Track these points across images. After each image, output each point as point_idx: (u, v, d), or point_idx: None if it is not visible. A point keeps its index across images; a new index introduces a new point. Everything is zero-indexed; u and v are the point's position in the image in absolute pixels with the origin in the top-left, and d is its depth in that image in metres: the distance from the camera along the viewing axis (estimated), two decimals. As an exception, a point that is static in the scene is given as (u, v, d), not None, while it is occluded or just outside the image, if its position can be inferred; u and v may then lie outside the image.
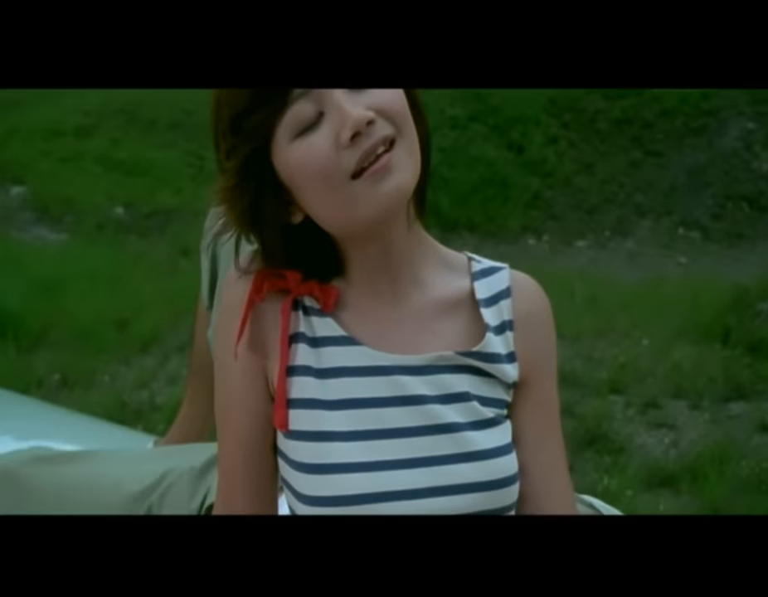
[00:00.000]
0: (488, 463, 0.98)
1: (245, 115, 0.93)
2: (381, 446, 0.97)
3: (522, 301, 1.05)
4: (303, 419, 0.98)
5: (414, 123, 0.98)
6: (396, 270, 1.02)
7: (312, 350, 1.00)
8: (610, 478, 4.76)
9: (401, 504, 0.95)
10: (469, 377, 1.01)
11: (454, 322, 1.03)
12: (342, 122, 0.92)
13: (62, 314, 6.03)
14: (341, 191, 0.94)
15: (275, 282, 1.00)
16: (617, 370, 5.84)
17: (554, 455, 1.05)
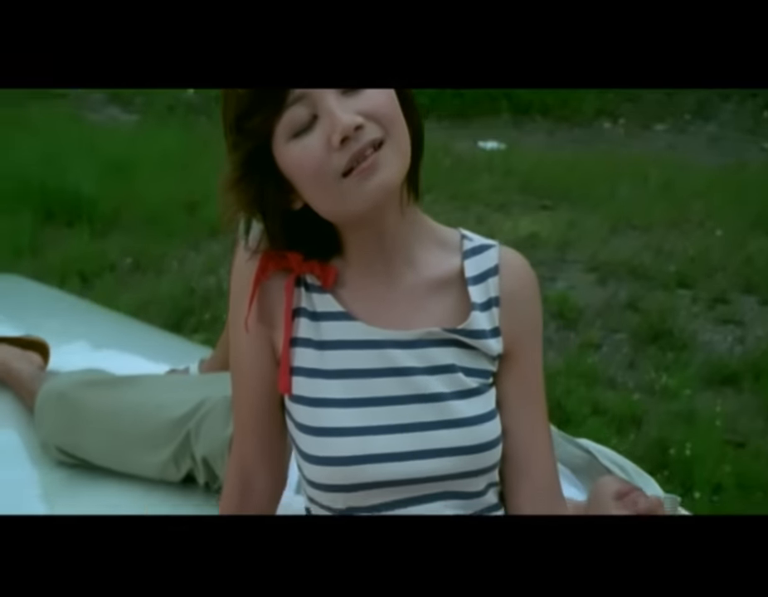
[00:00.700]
0: (469, 430, 1.09)
1: (245, 116, 1.02)
2: (372, 413, 1.08)
3: (509, 278, 1.13)
4: (304, 386, 1.11)
5: (405, 119, 1.06)
6: (389, 251, 1.10)
7: (312, 323, 1.11)
8: (670, 376, 4.84)
9: (388, 466, 1.07)
10: (455, 351, 1.10)
11: (443, 300, 1.12)
12: (333, 127, 0.99)
13: (133, 197, 6.21)
14: (332, 188, 1.02)
15: (279, 262, 1.10)
16: (686, 263, 5.82)
17: (536, 419, 1.15)
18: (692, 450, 4.15)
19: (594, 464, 1.58)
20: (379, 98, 1.02)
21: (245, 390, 1.15)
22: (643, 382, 4.84)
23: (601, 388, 4.79)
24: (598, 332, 5.25)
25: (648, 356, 5.07)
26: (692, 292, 5.66)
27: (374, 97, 1.02)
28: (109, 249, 5.80)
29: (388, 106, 1.03)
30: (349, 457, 1.07)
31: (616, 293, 5.62)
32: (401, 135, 1.04)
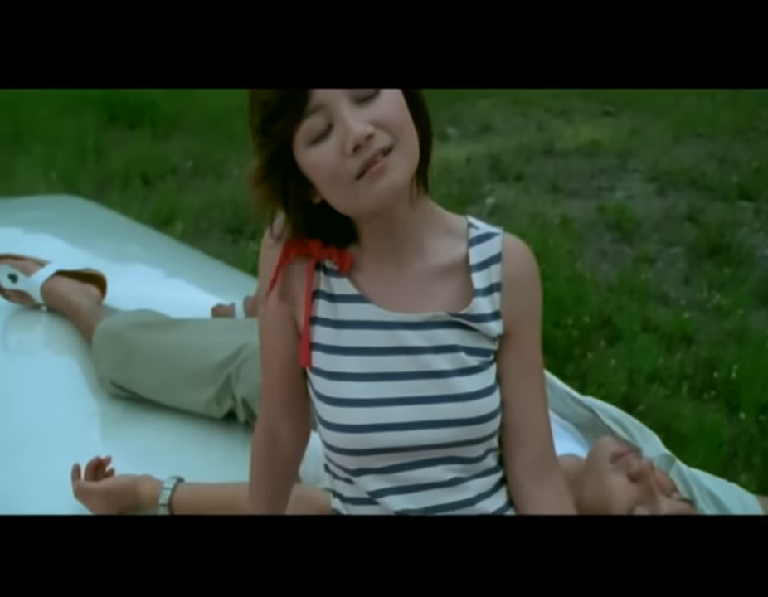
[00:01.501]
0: (469, 404, 1.21)
1: (269, 122, 1.11)
2: (383, 387, 1.21)
3: (511, 265, 1.22)
4: (323, 361, 1.24)
5: (414, 121, 1.16)
6: (400, 240, 1.21)
7: (330, 304, 1.23)
8: (724, 294, 4.87)
9: (396, 434, 1.20)
10: (458, 332, 1.21)
11: (448, 285, 1.22)
12: (347, 136, 1.08)
13: (195, 101, 6.33)
14: (347, 189, 1.12)
15: (300, 248, 1.22)
16: (750, 174, 5.78)
17: (533, 392, 1.27)
18: (739, 372, 4.23)
19: (597, 423, 1.69)
20: (389, 107, 1.12)
21: (271, 358, 1.30)
22: (696, 300, 4.89)
23: (653, 305, 4.86)
24: (654, 246, 5.29)
25: (704, 272, 5.10)
26: (755, 204, 5.63)
27: (384, 106, 1.12)
28: (171, 151, 5.95)
29: (397, 115, 1.12)
30: (362, 425, 1.21)
31: (675, 204, 5.62)
32: (409, 140, 1.14)
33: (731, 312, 4.73)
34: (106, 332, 1.91)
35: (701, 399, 4.21)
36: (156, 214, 5.54)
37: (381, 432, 1.20)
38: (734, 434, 3.96)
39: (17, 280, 2.19)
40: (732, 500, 1.57)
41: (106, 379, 1.92)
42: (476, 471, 1.24)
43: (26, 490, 1.71)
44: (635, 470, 1.46)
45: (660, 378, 4.30)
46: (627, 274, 5.03)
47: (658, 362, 4.35)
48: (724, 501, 1.56)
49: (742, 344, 4.49)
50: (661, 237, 5.33)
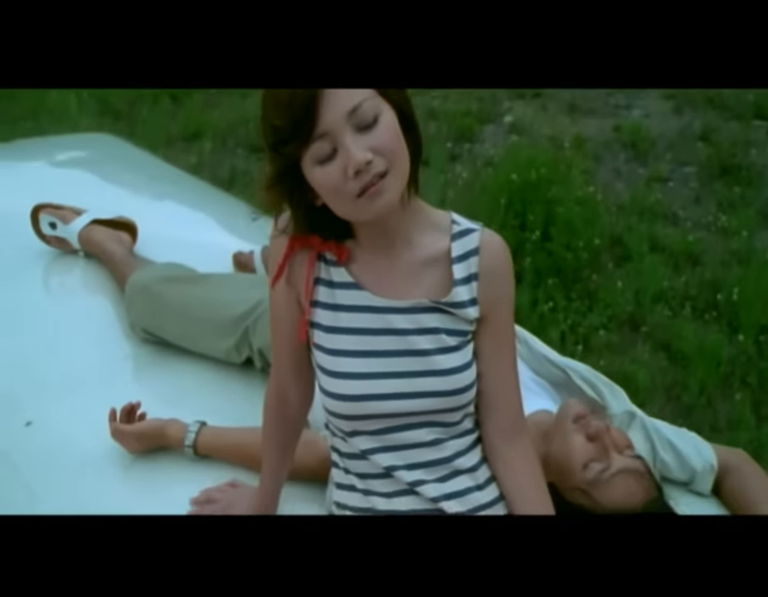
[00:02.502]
0: (448, 378, 1.37)
1: (280, 144, 1.24)
2: (373, 363, 1.38)
3: (487, 258, 1.37)
4: (323, 339, 1.40)
5: (406, 137, 1.27)
6: (392, 235, 1.35)
7: (329, 290, 1.39)
8: (731, 215, 4.97)
9: (385, 403, 1.37)
10: (440, 316, 1.36)
11: (432, 274, 1.37)
12: (349, 162, 1.22)
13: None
14: (348, 205, 1.26)
15: (304, 242, 1.38)
16: (766, 93, 5.79)
17: (505, 366, 1.42)
18: (740, 294, 4.36)
19: (570, 382, 1.85)
20: (385, 135, 1.25)
21: (280, 333, 1.47)
22: (704, 220, 5.00)
23: (662, 225, 4.98)
24: (667, 166, 5.37)
25: (714, 192, 5.20)
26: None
27: (381, 135, 1.24)
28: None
29: (392, 142, 1.26)
30: (355, 395, 1.39)
31: (690, 123, 5.67)
32: (402, 162, 1.27)
33: (738, 232, 4.83)
34: (137, 285, 2.09)
35: (703, 319, 4.36)
36: (184, 130, 5.68)
37: (371, 401, 1.38)
38: (732, 354, 4.12)
39: (56, 228, 2.37)
40: (689, 448, 1.73)
41: (137, 326, 2.10)
42: (454, 433, 1.42)
43: (70, 426, 1.90)
44: (592, 431, 1.61)
45: (665, 298, 4.45)
46: (639, 194, 5.12)
47: (663, 283, 4.49)
48: (681, 449, 1.73)
49: (746, 265, 4.61)
50: (674, 156, 5.40)
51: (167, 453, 1.79)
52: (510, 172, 4.47)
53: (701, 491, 1.72)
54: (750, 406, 3.87)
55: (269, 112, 1.26)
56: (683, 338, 4.19)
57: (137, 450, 1.78)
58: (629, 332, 4.32)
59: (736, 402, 3.87)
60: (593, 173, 5.20)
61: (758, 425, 3.79)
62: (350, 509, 1.45)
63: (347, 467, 1.45)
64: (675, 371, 4.10)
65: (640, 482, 1.58)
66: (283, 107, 1.23)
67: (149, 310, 2.06)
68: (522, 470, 1.44)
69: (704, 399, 3.95)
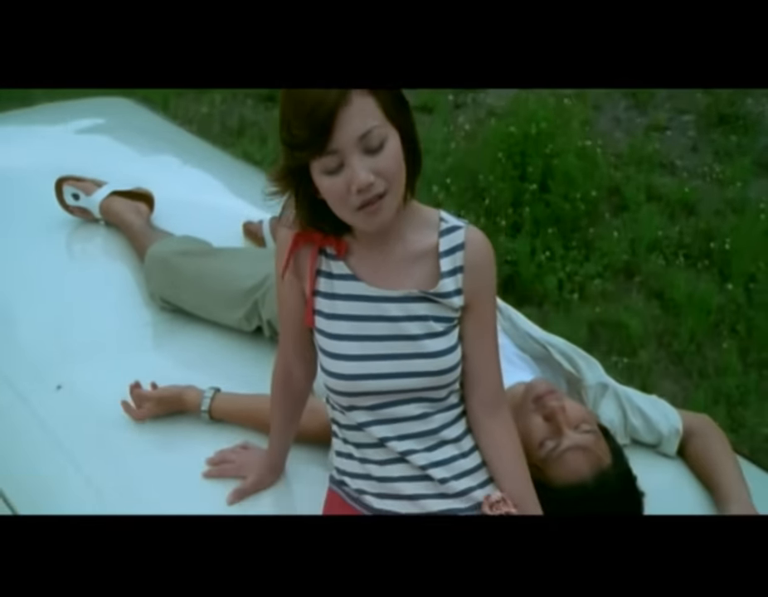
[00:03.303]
0: (434, 360, 1.51)
1: (295, 148, 1.36)
2: (368, 346, 1.52)
3: (471, 252, 1.49)
4: (323, 324, 1.55)
5: (407, 158, 1.40)
6: (386, 233, 1.47)
7: (329, 281, 1.53)
8: (726, 165, 5.06)
9: (378, 382, 1.50)
10: (428, 305, 1.49)
11: (422, 267, 1.50)
12: (353, 180, 1.34)
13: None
14: (347, 214, 1.39)
15: (307, 237, 1.52)
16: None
17: (487, 348, 1.56)
18: (732, 243, 4.48)
19: (549, 357, 1.99)
20: (388, 161, 1.37)
21: (286, 318, 1.62)
22: (700, 169, 5.09)
23: (659, 174, 5.07)
24: (666, 114, 5.44)
25: (711, 140, 5.28)
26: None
27: (385, 160, 1.37)
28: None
29: (394, 167, 1.38)
30: (352, 375, 1.53)
31: (691, 71, 5.73)
32: (400, 185, 1.40)
33: (733, 182, 4.93)
34: (155, 257, 2.24)
35: (695, 268, 4.49)
36: (195, 81, 5.74)
37: (366, 380, 1.53)
38: (722, 303, 4.26)
39: (79, 199, 2.51)
40: (657, 414, 1.88)
41: (156, 295, 2.24)
42: (440, 407, 1.56)
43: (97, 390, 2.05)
44: (547, 411, 1.72)
45: (660, 248, 4.57)
46: (638, 143, 5.21)
47: (658, 233, 4.61)
48: (650, 415, 1.87)
49: (740, 214, 4.72)
50: (674, 105, 5.47)
51: (185, 416, 1.93)
52: (510, 124, 4.56)
53: (667, 452, 1.87)
54: (737, 353, 4.02)
55: (288, 115, 1.38)
56: (676, 287, 4.31)
57: (157, 416, 1.94)
58: (623, 280, 4.46)
59: (723, 351, 4.02)
60: (593, 123, 5.28)
61: (745, 371, 3.94)
62: (348, 474, 1.60)
63: (346, 437, 1.60)
64: (667, 318, 4.24)
65: (587, 458, 1.66)
66: (303, 118, 1.34)
67: (167, 281, 2.21)
68: (501, 439, 1.58)
69: (694, 346, 4.09)
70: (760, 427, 3.67)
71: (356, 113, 1.34)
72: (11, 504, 1.86)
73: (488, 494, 1.54)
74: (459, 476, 1.55)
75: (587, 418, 1.71)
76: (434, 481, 1.54)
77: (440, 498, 1.54)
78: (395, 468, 1.55)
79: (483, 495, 1.53)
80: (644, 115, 5.38)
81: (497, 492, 1.54)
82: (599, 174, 4.67)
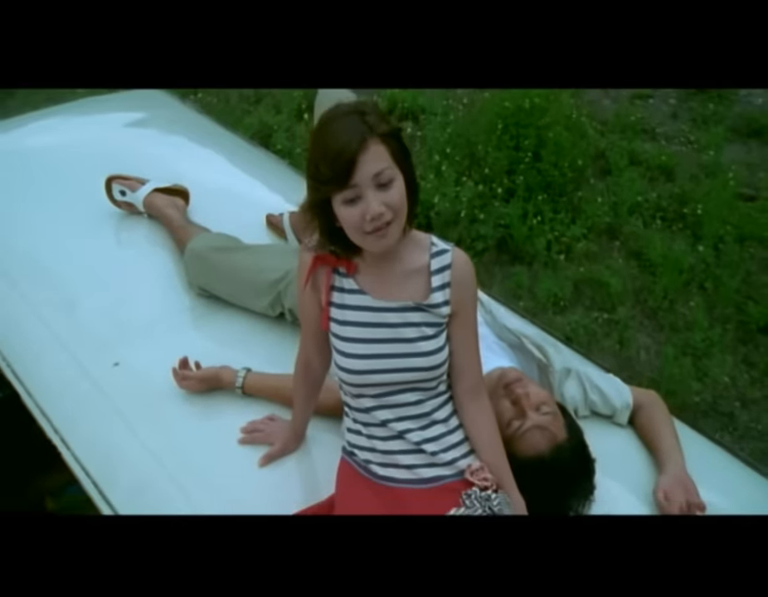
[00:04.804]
0: (427, 358, 1.71)
1: (321, 182, 1.61)
2: (372, 347, 1.75)
3: (457, 271, 1.73)
4: (336, 329, 1.79)
5: (408, 195, 1.64)
6: (388, 254, 1.70)
7: (341, 294, 1.77)
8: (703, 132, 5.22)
9: (380, 376, 1.69)
10: (421, 313, 1.74)
11: (416, 283, 1.72)
12: (366, 211, 1.59)
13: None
14: (359, 238, 1.63)
15: (323, 260, 1.77)
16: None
17: (469, 346, 1.75)
18: (703, 208, 4.70)
19: (522, 346, 2.26)
20: (395, 196, 1.61)
21: (306, 321, 1.87)
22: (679, 136, 5.27)
23: (642, 140, 5.26)
24: (651, 83, 5.60)
25: (690, 109, 5.45)
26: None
27: (393, 195, 1.61)
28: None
29: (399, 202, 1.62)
30: (359, 370, 1.79)
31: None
32: (403, 216, 1.64)
33: (708, 147, 5.12)
34: (194, 253, 2.48)
35: (670, 230, 4.72)
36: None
37: (371, 375, 1.79)
38: (693, 263, 4.50)
39: (125, 195, 2.77)
40: (612, 390, 2.13)
41: (194, 284, 2.49)
42: (431, 394, 1.82)
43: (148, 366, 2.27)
44: (513, 397, 1.96)
45: (639, 211, 4.79)
46: (623, 111, 5.39)
47: (638, 198, 4.83)
48: (606, 391, 2.13)
49: (713, 178, 4.92)
50: (658, 73, 5.62)
51: (222, 392, 2.19)
52: (504, 99, 4.75)
53: (620, 422, 2.14)
54: (704, 310, 4.28)
55: (317, 157, 1.63)
56: (653, 248, 4.55)
57: (199, 391, 2.22)
58: (606, 241, 4.69)
59: (690, 308, 4.27)
60: (583, 91, 5.45)
61: (711, 326, 4.20)
62: (357, 447, 1.86)
63: (355, 417, 1.86)
64: (644, 277, 4.49)
65: (544, 435, 1.89)
66: (329, 160, 1.60)
67: (203, 273, 2.46)
68: (481, 419, 1.84)
69: (667, 302, 4.35)
70: (721, 377, 3.93)
71: (371, 157, 1.60)
72: (81, 463, 2.13)
73: (470, 463, 1.79)
74: (447, 449, 1.80)
75: (547, 400, 1.95)
76: (426, 453, 1.79)
77: (432, 467, 1.78)
78: (395, 443, 1.80)
79: (466, 464, 1.78)
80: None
81: (477, 462, 1.79)
82: (585, 143, 4.84)
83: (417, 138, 5.00)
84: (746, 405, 3.72)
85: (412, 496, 1.74)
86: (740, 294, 4.21)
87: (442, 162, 4.66)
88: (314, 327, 1.85)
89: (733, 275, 4.24)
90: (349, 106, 1.66)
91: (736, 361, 3.91)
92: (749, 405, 3.73)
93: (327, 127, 1.64)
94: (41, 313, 2.47)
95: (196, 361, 2.21)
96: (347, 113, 1.64)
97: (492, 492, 1.70)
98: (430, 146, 4.79)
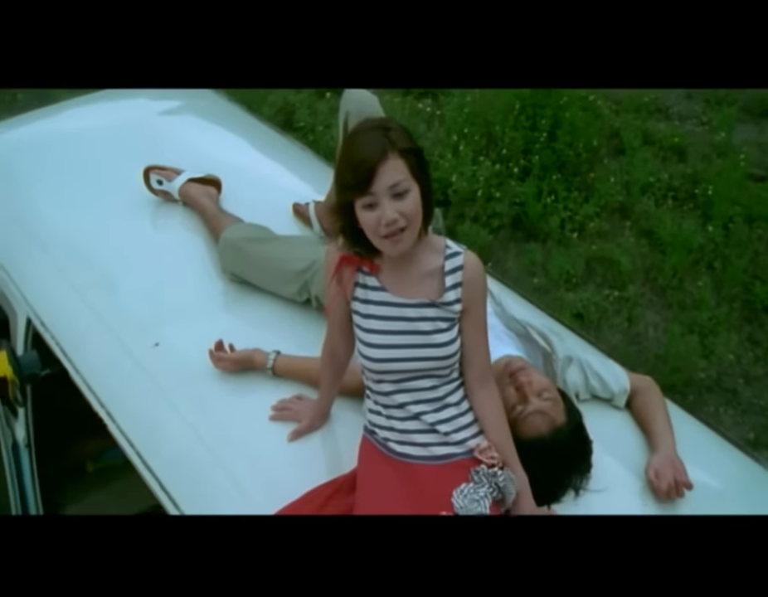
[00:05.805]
0: (440, 348, 1.87)
1: (347, 189, 1.79)
2: (392, 338, 1.92)
3: (468, 272, 1.90)
4: (359, 321, 1.96)
5: (423, 203, 1.81)
6: (407, 255, 1.87)
7: (364, 291, 1.95)
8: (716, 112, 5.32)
9: (398, 364, 1.85)
10: (436, 309, 1.91)
11: (431, 282, 1.88)
12: (382, 217, 1.77)
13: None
14: (377, 242, 1.80)
15: (348, 260, 1.94)
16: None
17: (479, 338, 1.90)
18: (714, 189, 4.83)
19: (528, 336, 2.45)
20: (410, 205, 1.79)
21: (333, 314, 2.04)
22: (692, 116, 5.38)
23: (655, 120, 5.38)
24: (665, 62, 5.68)
25: (704, 89, 5.54)
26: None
27: (408, 204, 1.79)
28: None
29: (414, 211, 1.80)
30: (380, 358, 1.97)
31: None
32: (417, 224, 1.82)
33: (720, 128, 5.23)
34: (227, 242, 2.66)
35: (681, 210, 4.87)
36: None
37: (391, 363, 1.97)
38: (702, 242, 4.65)
39: (162, 184, 2.97)
40: (610, 376, 2.31)
41: (227, 270, 2.67)
42: (445, 380, 2.00)
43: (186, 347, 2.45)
44: (518, 384, 2.13)
45: (651, 190, 4.94)
46: (637, 91, 5.50)
47: (650, 178, 4.96)
48: (605, 377, 2.30)
49: (724, 158, 5.04)
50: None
51: (255, 373, 2.37)
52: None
53: (617, 406, 2.32)
54: (711, 289, 4.44)
55: (343, 165, 1.84)
56: (663, 227, 4.70)
57: (233, 371, 2.42)
58: (618, 220, 4.84)
59: (698, 288, 4.43)
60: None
61: (717, 304, 4.36)
62: (377, 427, 2.04)
63: (376, 400, 2.04)
64: (654, 255, 4.64)
65: (544, 420, 2.07)
66: (352, 168, 1.80)
67: (237, 261, 2.64)
68: (489, 403, 2.01)
69: (676, 281, 4.51)
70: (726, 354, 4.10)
71: (389, 169, 1.79)
72: (126, 434, 2.34)
73: (478, 443, 1.98)
74: (458, 429, 1.98)
75: (548, 387, 2.13)
76: (440, 433, 1.97)
77: (444, 446, 1.96)
78: (412, 423, 1.99)
79: (475, 443, 1.96)
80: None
81: (485, 442, 1.98)
82: (600, 123, 4.96)
83: (436, 117, 5.15)
84: (749, 382, 3.88)
85: (426, 471, 1.93)
86: (747, 274, 4.34)
87: (460, 141, 4.81)
88: (340, 319, 2.04)
89: (741, 255, 4.38)
90: (375, 122, 1.87)
91: (741, 339, 4.06)
92: (752, 382, 3.89)
93: (354, 139, 1.85)
94: (86, 295, 2.66)
95: (231, 344, 2.41)
96: (373, 128, 1.83)
97: (498, 469, 1.89)
98: (449, 125, 4.94)
